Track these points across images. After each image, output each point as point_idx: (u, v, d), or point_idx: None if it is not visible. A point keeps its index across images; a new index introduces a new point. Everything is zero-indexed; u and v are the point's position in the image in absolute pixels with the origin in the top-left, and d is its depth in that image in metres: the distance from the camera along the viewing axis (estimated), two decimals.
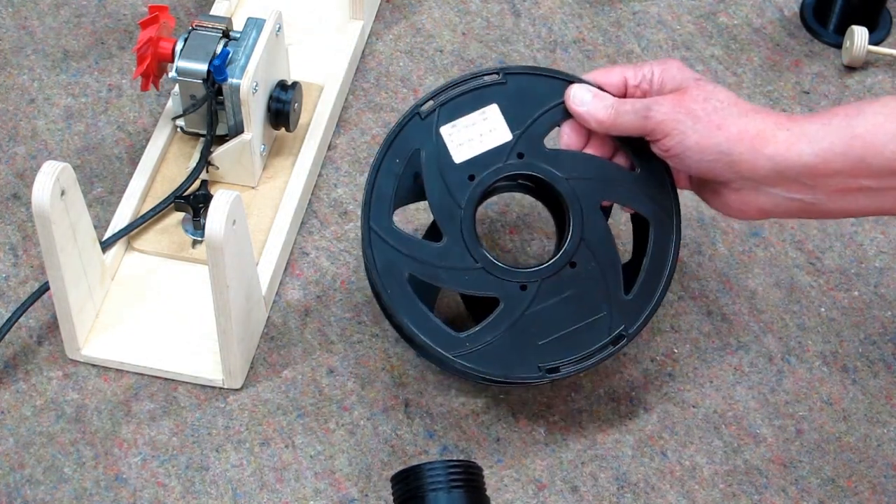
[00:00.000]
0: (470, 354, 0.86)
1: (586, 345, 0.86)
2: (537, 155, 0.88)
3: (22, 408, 0.93)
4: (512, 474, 0.90)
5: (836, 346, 0.97)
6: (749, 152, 0.81)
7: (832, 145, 0.79)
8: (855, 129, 0.79)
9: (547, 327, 0.86)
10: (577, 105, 0.87)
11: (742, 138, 0.81)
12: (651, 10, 1.17)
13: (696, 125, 0.82)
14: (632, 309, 0.87)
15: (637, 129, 0.85)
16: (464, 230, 0.87)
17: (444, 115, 0.88)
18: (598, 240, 0.87)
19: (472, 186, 0.87)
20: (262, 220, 1.00)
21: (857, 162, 0.79)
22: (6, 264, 1.00)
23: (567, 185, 0.87)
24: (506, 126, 0.88)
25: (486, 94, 0.89)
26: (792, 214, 0.83)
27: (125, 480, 0.90)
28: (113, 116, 1.10)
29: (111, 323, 0.96)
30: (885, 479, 0.90)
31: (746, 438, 0.92)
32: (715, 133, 0.81)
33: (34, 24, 1.16)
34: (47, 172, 0.84)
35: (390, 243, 0.86)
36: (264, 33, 0.98)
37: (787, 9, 1.18)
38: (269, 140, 1.04)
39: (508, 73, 0.89)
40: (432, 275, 0.86)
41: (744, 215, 0.85)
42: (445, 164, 0.87)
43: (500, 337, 0.86)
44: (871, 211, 0.82)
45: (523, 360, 0.86)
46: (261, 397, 0.94)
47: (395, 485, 0.82)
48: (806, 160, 0.80)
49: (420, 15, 1.17)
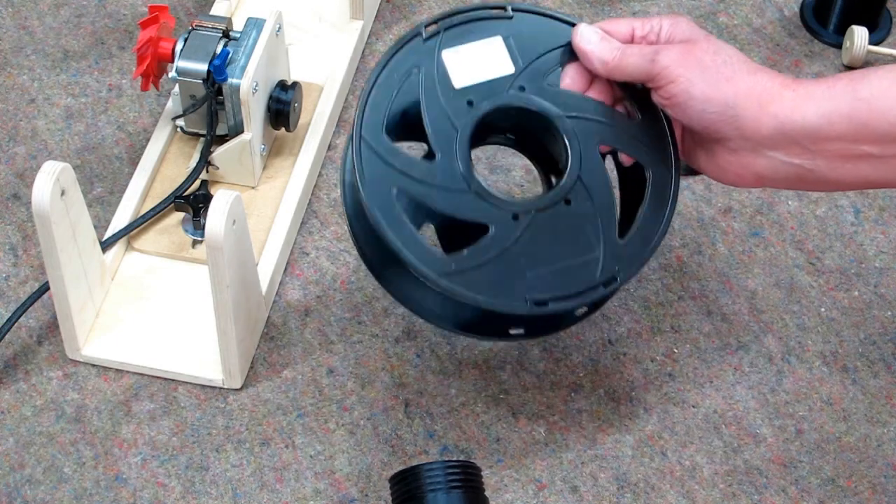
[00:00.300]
0: (455, 276, 0.81)
1: (577, 284, 0.83)
2: (539, 91, 0.85)
3: (22, 408, 0.93)
4: (512, 474, 0.90)
5: (836, 346, 0.97)
6: (754, 109, 0.79)
7: (837, 107, 0.78)
8: (859, 93, 0.78)
9: (537, 260, 0.83)
10: (584, 44, 0.85)
11: (750, 94, 0.79)
12: (651, 11, 1.17)
13: (704, 74, 0.80)
14: (626, 254, 0.84)
15: (642, 72, 0.82)
16: (458, 152, 0.83)
17: (446, 40, 0.86)
18: (595, 181, 0.84)
19: (469, 112, 0.84)
20: (262, 220, 1.00)
21: (860, 126, 0.77)
22: (6, 264, 1.00)
23: (566, 123, 0.85)
24: (509, 59, 0.86)
25: (491, 26, 0.86)
26: (788, 181, 0.81)
27: (125, 480, 0.90)
28: (113, 116, 1.10)
29: (111, 323, 0.96)
30: (885, 479, 0.90)
31: (746, 438, 0.92)
32: (723, 85, 0.80)
33: (34, 24, 1.16)
34: (47, 172, 0.84)
35: (381, 154, 0.82)
36: (264, 33, 0.98)
37: (787, 9, 1.18)
38: (269, 140, 1.04)
39: (517, 10, 0.87)
40: (423, 193, 0.82)
41: (739, 180, 0.83)
42: (444, 86, 0.84)
43: (488, 264, 0.82)
44: (869, 181, 0.80)
45: (510, 290, 0.82)
46: (261, 397, 0.94)
47: (393, 485, 0.82)
48: (810, 120, 0.78)
49: (420, 15, 1.17)
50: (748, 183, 0.83)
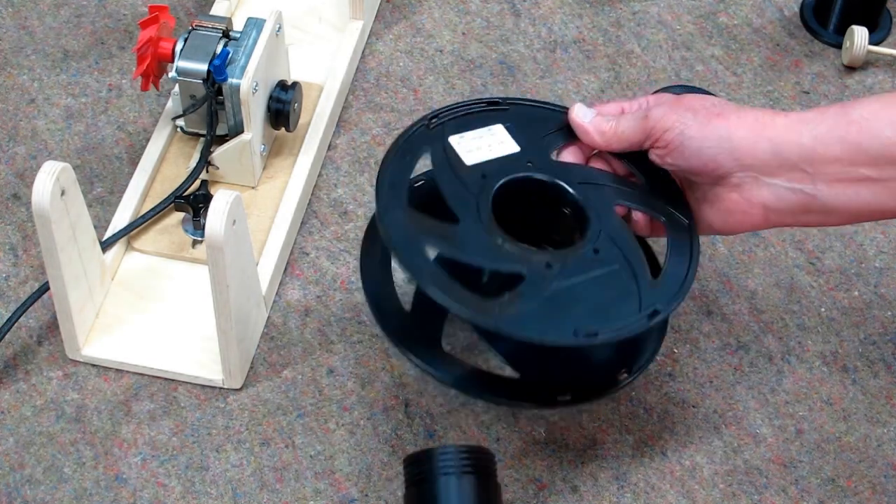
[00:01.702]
0: (502, 319, 0.82)
1: (622, 317, 0.83)
2: (546, 165, 0.89)
3: (22, 408, 0.93)
4: (512, 474, 0.90)
5: (836, 346, 0.97)
6: (749, 136, 0.82)
7: (829, 130, 0.80)
8: (851, 116, 0.80)
9: (577, 299, 0.84)
10: (581, 118, 0.88)
11: (742, 124, 0.82)
12: (651, 10, 1.17)
13: (696, 116, 0.83)
14: (661, 291, 0.85)
15: (638, 131, 0.85)
16: (481, 212, 0.85)
17: (450, 129, 0.89)
18: (618, 233, 0.87)
19: (486, 182, 0.87)
20: (262, 220, 1.00)
21: (854, 147, 0.79)
22: (6, 264, 1.00)
23: (581, 189, 0.88)
24: (513, 141, 0.89)
25: (490, 115, 0.91)
26: (794, 213, 0.83)
27: (125, 480, 0.90)
28: (113, 116, 1.10)
29: (111, 323, 0.96)
30: (885, 479, 0.90)
31: (746, 438, 0.92)
32: (714, 120, 0.83)
33: (34, 24, 1.16)
34: (47, 172, 0.84)
35: (409, 220, 0.84)
36: (264, 33, 0.98)
37: (787, 9, 1.18)
38: (269, 140, 1.04)
39: (512, 103, 0.91)
40: (453, 250, 0.84)
41: (748, 219, 0.85)
42: (456, 163, 0.88)
43: (531, 306, 0.83)
44: (872, 209, 0.82)
45: (557, 326, 0.82)
46: (261, 397, 0.94)
47: (406, 467, 0.82)
48: (804, 142, 0.81)
49: (420, 15, 1.17)
50: (757, 221, 0.85)
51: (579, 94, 1.11)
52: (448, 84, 1.12)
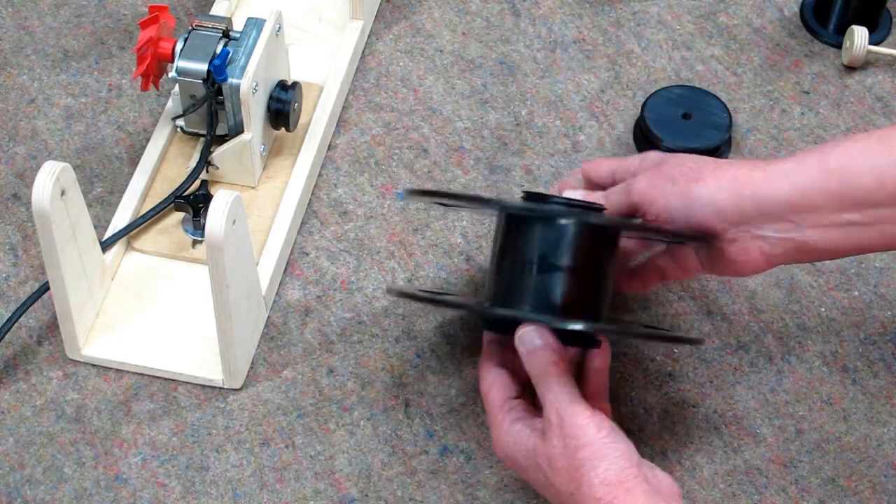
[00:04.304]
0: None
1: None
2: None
3: (22, 408, 0.93)
4: (512, 474, 0.90)
5: (836, 346, 0.97)
6: (731, 197, 0.82)
7: (809, 181, 0.80)
8: (829, 164, 0.80)
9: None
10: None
11: (720, 185, 0.82)
12: (651, 10, 1.17)
13: (675, 185, 0.83)
14: None
15: (625, 207, 0.85)
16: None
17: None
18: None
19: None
20: (262, 220, 1.00)
21: (836, 196, 0.80)
22: (6, 264, 1.00)
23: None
24: None
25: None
26: (792, 256, 0.83)
27: (125, 480, 0.90)
28: (113, 116, 1.10)
29: (111, 323, 0.96)
30: (885, 479, 0.90)
31: (746, 438, 0.92)
32: (694, 187, 0.82)
33: (34, 24, 1.16)
34: (47, 172, 0.84)
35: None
36: (264, 33, 0.98)
37: (787, 9, 1.18)
38: (269, 140, 1.04)
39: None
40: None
41: (753, 265, 0.84)
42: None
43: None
44: (863, 247, 0.82)
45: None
46: (261, 397, 0.94)
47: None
48: (786, 195, 0.81)
49: (420, 15, 1.17)
50: (761, 265, 0.84)
51: (579, 94, 1.11)
52: (448, 84, 1.12)
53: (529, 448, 0.79)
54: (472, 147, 1.08)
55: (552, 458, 0.77)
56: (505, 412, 0.81)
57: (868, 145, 0.80)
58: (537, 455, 0.78)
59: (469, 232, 1.02)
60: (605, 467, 0.75)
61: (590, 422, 0.76)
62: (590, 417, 0.76)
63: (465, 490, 0.90)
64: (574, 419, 0.76)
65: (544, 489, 0.79)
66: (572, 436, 0.76)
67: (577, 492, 0.75)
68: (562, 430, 0.76)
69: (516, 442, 0.80)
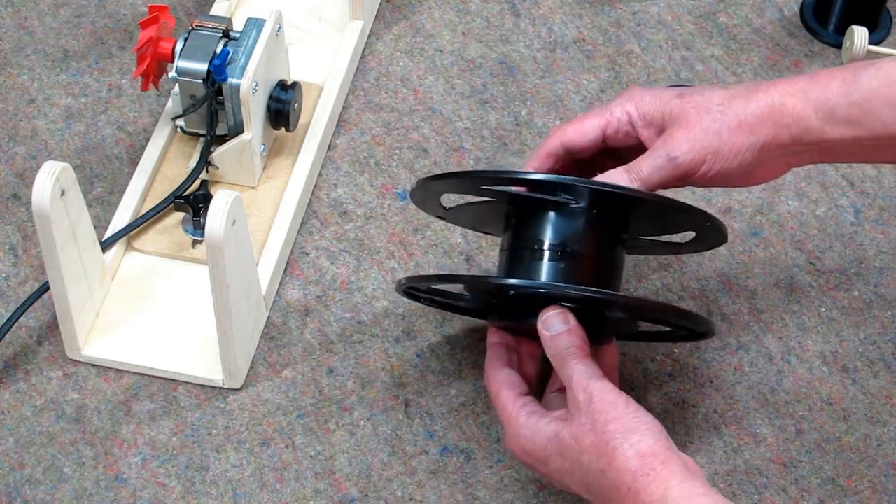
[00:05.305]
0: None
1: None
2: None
3: (22, 408, 0.93)
4: (512, 474, 0.90)
5: (836, 346, 0.97)
6: (770, 131, 0.81)
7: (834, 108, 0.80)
8: (852, 97, 0.79)
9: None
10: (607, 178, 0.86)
11: (762, 121, 0.81)
12: (651, 10, 1.17)
13: (720, 137, 0.81)
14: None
15: (670, 178, 0.82)
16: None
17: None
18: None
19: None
20: (262, 220, 1.00)
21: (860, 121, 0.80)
22: (6, 264, 1.00)
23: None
24: None
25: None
26: (814, 160, 0.84)
27: (125, 480, 0.90)
28: (113, 116, 1.10)
29: (111, 323, 0.96)
30: (885, 479, 0.90)
31: (746, 438, 0.92)
32: (737, 131, 0.81)
33: (34, 24, 1.16)
34: (47, 172, 0.84)
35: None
36: (264, 33, 0.98)
37: (787, 9, 1.18)
38: (269, 140, 1.04)
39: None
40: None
41: (775, 175, 0.85)
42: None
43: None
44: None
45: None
46: (261, 397, 0.94)
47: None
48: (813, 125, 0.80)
49: (420, 15, 1.17)
50: (781, 171, 0.85)
51: (579, 94, 1.11)
52: (448, 84, 1.12)
53: (550, 434, 0.78)
54: (472, 147, 1.08)
55: (580, 436, 0.76)
56: (519, 407, 0.81)
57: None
58: (561, 438, 0.77)
59: (469, 232, 1.02)
60: (638, 439, 0.74)
61: (619, 397, 0.76)
62: (619, 394, 0.76)
63: (464, 490, 0.90)
64: (603, 395, 0.76)
65: (568, 474, 0.77)
66: (601, 411, 0.75)
67: (609, 466, 0.74)
68: (590, 406, 0.76)
69: (534, 433, 0.79)
